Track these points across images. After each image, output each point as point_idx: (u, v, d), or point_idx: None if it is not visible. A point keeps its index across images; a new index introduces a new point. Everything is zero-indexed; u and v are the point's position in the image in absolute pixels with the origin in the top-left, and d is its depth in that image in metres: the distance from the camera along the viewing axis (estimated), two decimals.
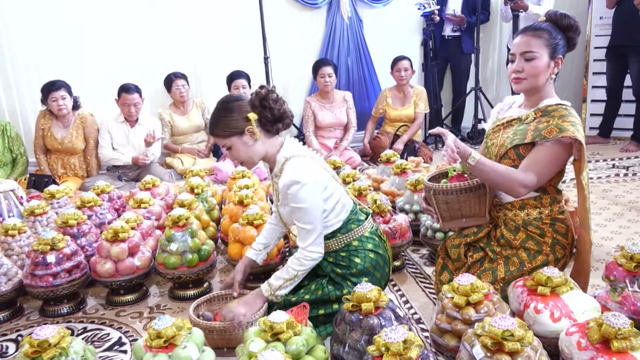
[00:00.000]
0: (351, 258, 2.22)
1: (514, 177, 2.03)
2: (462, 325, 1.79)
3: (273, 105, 2.13)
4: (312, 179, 2.10)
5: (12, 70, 5.27)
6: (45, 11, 5.24)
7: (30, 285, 2.59)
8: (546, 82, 2.14)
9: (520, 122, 2.18)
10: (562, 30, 2.15)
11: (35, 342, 1.70)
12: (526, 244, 2.16)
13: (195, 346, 1.77)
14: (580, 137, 2.00)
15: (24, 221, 3.06)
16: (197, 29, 5.56)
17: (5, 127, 4.71)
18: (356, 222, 2.26)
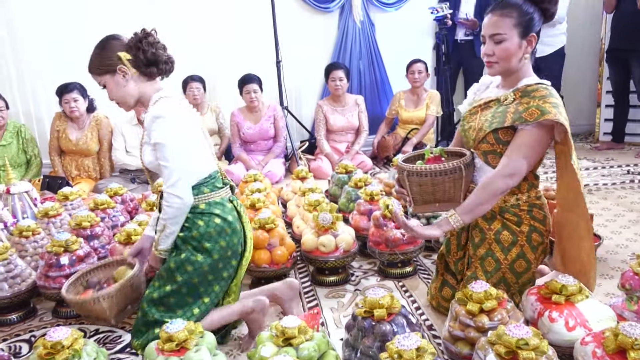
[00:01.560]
0: (195, 220, 2.10)
1: (491, 177, 1.98)
2: (475, 333, 1.77)
3: (147, 48, 2.12)
4: (178, 116, 2.07)
5: (27, 72, 5.33)
6: (62, 14, 5.29)
7: (44, 287, 2.60)
8: (520, 62, 2.02)
9: (498, 103, 2.07)
10: (535, 3, 2.00)
11: (49, 344, 1.71)
12: (500, 235, 2.08)
13: (207, 350, 1.77)
14: (563, 120, 1.90)
15: (38, 223, 3.07)
16: (210, 34, 5.59)
17: (20, 129, 4.75)
18: (210, 187, 2.15)
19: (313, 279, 2.88)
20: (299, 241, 2.98)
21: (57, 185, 4.35)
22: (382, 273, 2.89)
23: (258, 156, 5.26)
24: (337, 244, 2.76)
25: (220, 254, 2.12)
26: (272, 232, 2.75)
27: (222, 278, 2.16)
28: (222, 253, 2.12)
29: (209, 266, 2.10)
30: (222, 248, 2.12)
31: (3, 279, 2.59)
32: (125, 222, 3.24)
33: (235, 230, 2.17)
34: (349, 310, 2.55)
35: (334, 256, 2.75)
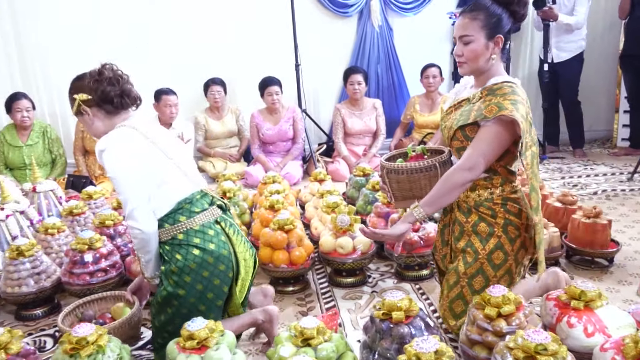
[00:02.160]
0: (173, 253, 2.01)
1: (450, 172, 2.04)
2: (493, 337, 1.75)
3: (96, 86, 2.07)
4: (120, 146, 1.98)
5: (54, 74, 5.40)
6: (86, 19, 5.36)
7: (68, 283, 2.64)
8: (488, 62, 2.06)
9: (468, 102, 2.12)
10: (504, 5, 2.05)
11: (74, 340, 1.73)
12: (477, 227, 2.10)
13: (227, 348, 1.77)
14: (517, 116, 1.91)
15: (62, 220, 3.12)
16: (231, 38, 5.62)
17: (46, 129, 4.82)
18: (187, 213, 2.03)
19: (330, 280, 2.87)
20: (316, 242, 2.99)
21: (81, 184, 4.41)
22: (399, 275, 2.88)
23: (276, 158, 5.27)
24: (354, 246, 2.76)
25: (205, 284, 2.02)
26: (290, 233, 2.75)
27: (216, 306, 2.08)
28: (206, 284, 2.02)
29: (196, 298, 2.02)
30: (206, 279, 2.02)
31: (29, 275, 2.63)
32: None
33: (220, 257, 2.04)
34: (366, 311, 2.54)
35: (351, 258, 2.75)
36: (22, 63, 5.43)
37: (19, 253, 2.62)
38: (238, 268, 2.12)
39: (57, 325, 2.19)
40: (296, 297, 2.74)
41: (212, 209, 2.12)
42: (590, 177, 4.77)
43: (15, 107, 4.60)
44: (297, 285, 2.79)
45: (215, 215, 2.12)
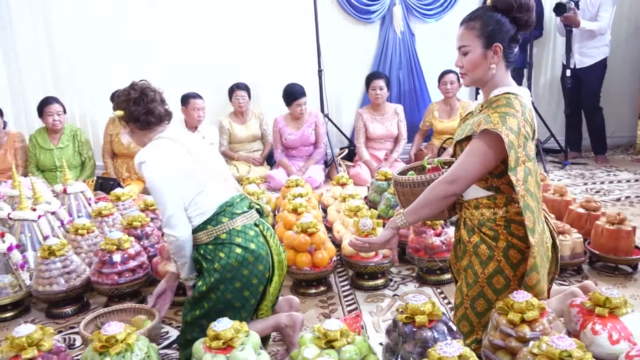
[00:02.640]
0: (216, 252, 2.09)
1: (437, 184, 1.95)
2: (516, 343, 1.73)
3: (125, 106, 2.18)
4: (159, 158, 2.07)
5: (84, 79, 5.51)
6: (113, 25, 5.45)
7: (97, 282, 2.68)
8: (488, 72, 1.95)
9: (472, 115, 2.04)
10: (503, 13, 1.92)
11: (104, 338, 1.75)
12: (478, 249, 1.98)
13: (252, 349, 1.78)
14: (501, 130, 1.80)
15: (92, 221, 3.17)
16: (256, 44, 5.66)
17: (76, 132, 4.90)
18: (229, 215, 2.12)
19: (352, 283, 2.87)
20: (339, 246, 2.99)
21: (109, 186, 4.47)
22: (421, 279, 2.87)
23: (299, 162, 5.28)
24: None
25: (244, 282, 2.09)
26: (313, 236, 2.75)
27: (250, 304, 2.14)
28: (245, 281, 2.10)
29: (233, 295, 2.08)
30: (246, 277, 2.09)
31: (59, 274, 2.67)
32: None
33: (260, 257, 2.12)
34: (388, 314, 2.53)
35: (373, 261, 2.74)
36: (54, 69, 5.56)
37: (51, 253, 2.67)
38: (273, 269, 2.18)
39: (79, 331, 2.22)
40: (318, 299, 2.74)
41: (252, 212, 2.21)
42: (613, 183, 4.69)
43: (47, 111, 4.69)
44: (320, 288, 2.80)
45: (254, 218, 2.20)
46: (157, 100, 2.19)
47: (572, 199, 3.44)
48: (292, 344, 2.19)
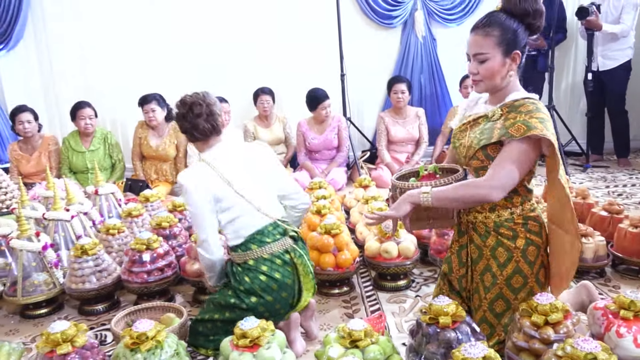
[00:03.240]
0: (242, 275, 2.17)
1: (475, 183, 1.86)
2: (540, 345, 1.71)
3: (178, 121, 2.28)
4: (194, 184, 2.13)
5: (114, 85, 5.60)
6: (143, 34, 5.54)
7: (127, 281, 2.71)
8: (505, 79, 1.90)
9: (487, 119, 1.94)
10: (519, 19, 1.87)
11: (135, 335, 1.77)
12: (496, 251, 1.95)
13: (278, 347, 1.78)
14: (549, 135, 1.78)
15: (122, 222, 3.20)
16: (280, 49, 5.69)
17: (107, 135, 4.97)
18: (258, 243, 2.18)
19: (375, 284, 2.86)
20: (361, 247, 2.98)
21: (138, 187, 4.52)
22: None
23: (322, 165, 5.28)
24: (399, 251, 2.74)
25: (267, 307, 2.16)
26: (337, 238, 2.75)
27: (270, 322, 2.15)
28: (268, 307, 2.16)
29: (256, 314, 2.05)
30: (269, 302, 2.17)
31: (92, 272, 2.71)
32: None
33: (284, 286, 2.18)
34: (410, 315, 2.52)
35: (395, 262, 2.73)
36: (86, 75, 5.66)
37: (83, 252, 2.71)
38: (300, 296, 2.23)
39: (111, 328, 2.25)
40: (342, 299, 2.74)
41: (284, 239, 2.23)
42: (635, 186, 4.60)
43: (79, 115, 4.77)
44: (343, 288, 2.79)
45: (285, 246, 2.23)
46: (202, 115, 2.21)
47: (595, 202, 3.38)
48: (287, 341, 2.20)
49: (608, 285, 2.74)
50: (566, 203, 1.88)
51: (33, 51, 5.70)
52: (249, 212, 2.19)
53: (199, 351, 2.24)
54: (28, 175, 4.78)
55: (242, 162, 2.25)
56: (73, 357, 1.80)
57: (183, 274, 2.78)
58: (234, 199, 2.17)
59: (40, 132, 4.86)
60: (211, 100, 2.26)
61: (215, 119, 2.25)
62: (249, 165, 2.26)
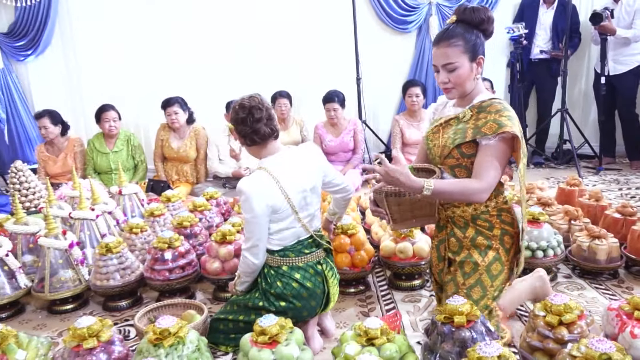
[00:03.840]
0: (275, 279, 2.18)
1: (471, 187, 1.89)
2: (554, 345, 1.69)
3: (235, 125, 2.22)
4: (256, 193, 2.08)
5: (136, 88, 5.67)
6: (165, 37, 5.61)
7: (150, 278, 2.74)
8: (473, 83, 1.99)
9: (457, 120, 2.02)
10: (476, 27, 1.97)
11: (158, 331, 1.79)
12: (476, 241, 2.01)
13: (296, 345, 1.79)
14: (517, 132, 1.87)
15: (145, 221, 3.23)
16: (297, 53, 5.72)
17: (130, 137, 5.02)
18: (296, 252, 2.20)
19: (390, 283, 2.85)
20: (377, 247, 2.97)
21: (160, 188, 4.56)
22: None
23: (337, 166, 5.27)
24: (414, 251, 2.73)
25: (294, 313, 2.17)
26: (353, 238, 2.75)
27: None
28: (296, 313, 2.18)
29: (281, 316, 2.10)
30: (297, 308, 2.19)
31: (116, 270, 2.74)
32: (220, 223, 3.34)
33: (314, 294, 2.20)
34: (425, 314, 2.51)
35: (410, 262, 2.72)
36: (110, 79, 5.74)
37: (108, 250, 2.74)
38: (327, 305, 2.26)
39: (134, 324, 2.27)
40: (357, 298, 2.74)
41: (318, 251, 2.26)
42: None
43: (103, 117, 4.83)
44: (359, 287, 2.79)
45: (319, 258, 2.26)
46: (263, 120, 2.17)
47: (608, 204, 3.34)
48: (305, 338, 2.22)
49: (621, 286, 2.71)
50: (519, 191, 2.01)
51: (60, 56, 5.81)
52: (294, 225, 2.20)
53: (219, 348, 2.26)
54: (55, 175, 4.85)
55: (298, 172, 2.21)
56: (98, 352, 1.83)
57: (203, 272, 2.80)
58: (289, 211, 2.16)
59: (66, 134, 4.93)
60: (269, 104, 2.24)
61: (274, 122, 2.22)
62: (304, 175, 2.22)
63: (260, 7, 5.66)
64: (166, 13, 5.62)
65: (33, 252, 3.08)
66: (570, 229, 3.09)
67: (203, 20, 5.63)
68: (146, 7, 5.63)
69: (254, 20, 5.66)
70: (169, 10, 5.62)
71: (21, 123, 5.85)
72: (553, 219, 3.16)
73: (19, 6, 5.59)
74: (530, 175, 5.28)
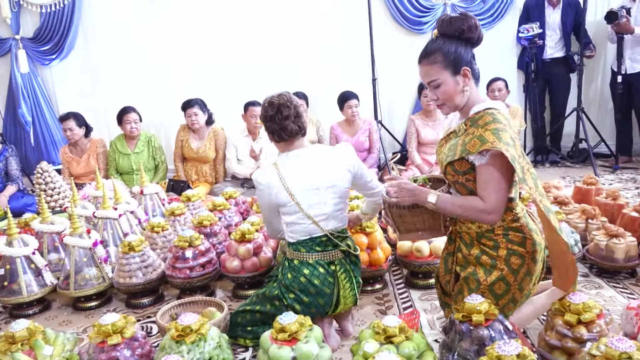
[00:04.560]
0: (287, 271, 2.21)
1: (474, 206, 1.84)
2: (573, 344, 1.67)
3: (264, 123, 2.25)
4: (262, 185, 2.18)
5: (157, 91, 5.71)
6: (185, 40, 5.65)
7: (171, 276, 2.75)
8: (463, 95, 1.91)
9: (455, 134, 1.96)
10: (456, 38, 1.89)
11: (180, 327, 1.80)
12: (480, 259, 1.93)
13: (315, 342, 1.79)
14: (500, 146, 1.74)
15: (166, 220, 3.26)
16: (313, 54, 5.72)
17: (151, 138, 5.07)
18: (307, 248, 2.18)
19: (407, 281, 2.84)
20: (393, 246, 2.95)
21: (180, 187, 4.59)
22: None
23: None
24: (431, 250, 2.71)
25: (303, 307, 2.16)
26: (370, 236, 2.73)
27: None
28: (304, 308, 2.17)
29: (294, 311, 2.09)
30: (305, 303, 2.17)
31: (138, 268, 2.76)
32: (239, 222, 3.35)
33: (321, 292, 2.17)
34: (442, 313, 2.48)
35: (427, 261, 2.70)
36: (131, 82, 5.79)
37: (130, 248, 2.76)
38: (336, 307, 2.22)
39: (156, 321, 2.29)
40: (375, 296, 2.73)
41: (334, 252, 2.21)
42: None
43: (125, 119, 4.87)
44: (376, 285, 2.78)
45: (332, 258, 2.21)
46: (291, 117, 2.18)
47: (625, 203, 3.28)
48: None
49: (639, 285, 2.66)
50: (537, 205, 1.86)
51: (83, 60, 5.88)
52: (306, 221, 2.18)
53: (237, 342, 2.27)
54: (78, 176, 4.90)
55: (313, 170, 2.20)
56: (122, 348, 1.84)
57: (223, 270, 2.81)
58: (295, 208, 2.17)
59: (89, 136, 4.99)
60: (297, 102, 2.25)
61: (302, 120, 2.23)
62: (321, 174, 2.20)
63: (278, 10, 5.68)
64: (185, 17, 5.67)
65: (58, 251, 3.12)
66: (588, 227, 3.04)
67: (221, 23, 5.67)
68: (166, 11, 5.68)
69: (271, 23, 5.68)
70: (188, 14, 5.67)
71: (46, 125, 5.93)
72: (570, 217, 3.11)
73: (44, 12, 5.67)
74: (546, 174, 5.21)
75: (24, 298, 2.72)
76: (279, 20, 5.68)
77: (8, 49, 5.77)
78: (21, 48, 5.74)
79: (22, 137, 5.92)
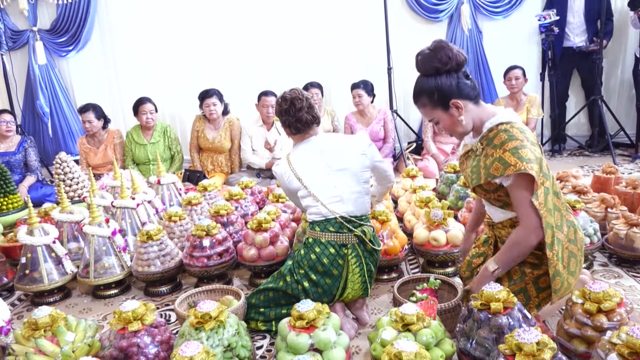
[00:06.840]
0: (302, 247, 2.29)
1: (518, 237, 1.86)
2: (592, 332, 1.66)
3: (279, 116, 2.36)
4: (279, 175, 2.36)
5: (172, 81, 5.74)
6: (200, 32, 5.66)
7: (189, 265, 2.78)
8: (464, 122, 1.92)
9: (473, 153, 1.97)
10: (435, 76, 1.89)
11: (199, 315, 1.82)
12: (528, 257, 1.93)
13: (333, 329, 1.80)
14: (522, 166, 1.74)
15: (183, 209, 3.28)
16: (328, 44, 5.70)
17: (167, 129, 5.10)
18: (321, 227, 2.23)
19: (423, 270, 2.83)
20: (409, 235, 2.95)
21: (196, 177, 4.63)
22: None
23: None
24: (447, 239, 2.70)
25: (310, 285, 2.21)
26: (385, 225, 2.73)
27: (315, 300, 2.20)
28: (311, 285, 2.21)
29: (301, 287, 2.23)
30: (313, 281, 2.21)
31: (156, 257, 2.79)
32: (255, 212, 3.37)
33: (329, 273, 2.21)
34: None
35: (444, 250, 2.69)
36: (147, 72, 5.83)
37: (148, 237, 2.79)
38: (344, 291, 2.24)
39: (174, 309, 2.31)
40: (390, 284, 2.72)
41: (348, 235, 2.23)
42: None
43: (141, 110, 4.91)
44: (391, 274, 2.78)
45: (346, 242, 2.23)
46: (304, 109, 2.30)
47: None
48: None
49: None
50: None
51: (99, 52, 5.94)
52: (317, 204, 2.26)
53: (250, 325, 2.29)
54: (96, 166, 4.96)
55: (324, 154, 2.30)
56: (142, 334, 1.87)
57: (240, 259, 2.83)
58: (304, 192, 2.28)
59: (106, 127, 5.03)
60: (308, 95, 2.36)
61: (315, 110, 2.35)
62: (333, 157, 2.29)
63: (293, 0, 5.66)
64: (200, 8, 5.68)
65: (78, 240, 3.17)
66: (607, 216, 3.01)
67: (236, 14, 5.67)
68: (181, 2, 5.69)
69: (286, 13, 5.67)
70: (203, 4, 5.67)
71: (64, 116, 6.01)
72: (589, 206, 3.08)
73: (60, 3, 5.72)
74: (564, 163, 5.15)
75: (45, 286, 2.77)
76: (294, 10, 5.67)
77: (26, 41, 5.84)
78: (38, 40, 5.81)
79: (40, 129, 6.02)
